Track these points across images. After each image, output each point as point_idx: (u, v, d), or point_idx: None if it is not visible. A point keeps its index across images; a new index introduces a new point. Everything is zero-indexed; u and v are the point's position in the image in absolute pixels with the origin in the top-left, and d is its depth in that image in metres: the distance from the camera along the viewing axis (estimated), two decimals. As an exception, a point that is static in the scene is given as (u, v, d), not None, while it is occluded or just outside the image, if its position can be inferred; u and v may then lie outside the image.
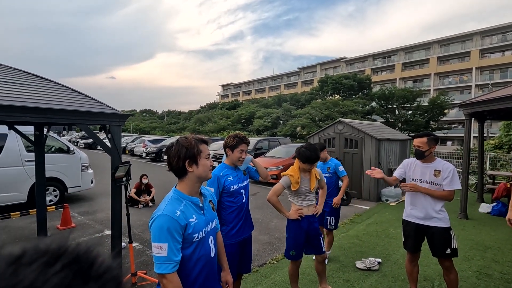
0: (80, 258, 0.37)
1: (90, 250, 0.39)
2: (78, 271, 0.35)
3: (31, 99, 2.88)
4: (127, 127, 48.01)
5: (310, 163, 2.74)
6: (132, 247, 3.42)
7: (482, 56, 37.67)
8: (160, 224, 1.38)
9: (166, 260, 1.36)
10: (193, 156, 1.49)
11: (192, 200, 1.51)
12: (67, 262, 0.35)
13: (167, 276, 1.37)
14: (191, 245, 1.45)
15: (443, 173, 2.73)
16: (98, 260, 0.38)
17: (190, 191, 1.52)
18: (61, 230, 5.13)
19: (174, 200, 1.47)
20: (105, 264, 0.38)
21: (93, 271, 0.37)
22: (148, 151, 17.28)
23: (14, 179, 5.98)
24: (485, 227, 5.47)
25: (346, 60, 51.49)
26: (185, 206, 1.47)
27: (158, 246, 1.36)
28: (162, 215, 1.40)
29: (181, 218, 1.41)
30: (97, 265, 0.37)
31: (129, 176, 3.44)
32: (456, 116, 35.48)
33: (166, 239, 1.36)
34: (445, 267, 2.79)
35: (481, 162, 7.72)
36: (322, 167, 3.90)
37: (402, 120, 25.82)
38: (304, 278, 3.48)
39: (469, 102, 6.11)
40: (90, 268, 0.37)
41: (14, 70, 3.84)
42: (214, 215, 1.67)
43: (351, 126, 8.11)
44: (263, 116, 32.62)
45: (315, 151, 2.74)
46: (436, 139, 2.85)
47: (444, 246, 2.74)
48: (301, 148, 2.79)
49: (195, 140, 1.53)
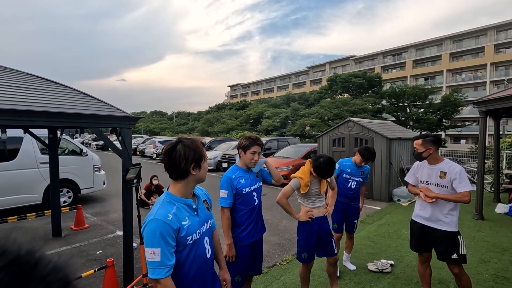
0: (20, 259, 0.35)
1: (32, 251, 0.37)
2: (18, 273, 0.34)
3: (44, 103, 2.95)
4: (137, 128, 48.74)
5: (321, 177, 2.73)
6: (143, 248, 3.45)
7: (497, 51, 36.56)
8: (153, 229, 1.35)
9: (160, 265, 1.34)
10: (199, 159, 1.47)
11: (185, 202, 1.48)
12: (4, 264, 0.34)
13: (161, 281, 1.34)
14: (185, 248, 1.43)
15: (449, 175, 2.64)
16: (42, 261, 0.36)
17: (185, 193, 1.49)
18: (75, 230, 5.24)
19: (166, 204, 1.44)
20: (50, 264, 0.37)
21: (36, 273, 0.35)
22: (159, 152, 17.48)
23: (30, 180, 6.14)
24: (502, 229, 5.30)
25: (355, 58, 50.87)
26: (178, 208, 1.44)
27: (151, 251, 1.34)
28: (154, 219, 1.37)
29: (173, 222, 1.38)
30: (40, 266, 0.36)
31: (139, 178, 3.48)
32: (470, 114, 34.58)
33: (159, 244, 1.34)
34: (454, 274, 2.70)
35: (497, 160, 7.49)
36: (357, 171, 3.69)
37: (414, 118, 25.29)
38: (315, 280, 3.45)
39: (484, 99, 5.93)
40: (32, 270, 0.35)
41: (27, 75, 3.94)
42: (209, 215, 1.63)
43: (361, 125, 8.00)
44: (271, 116, 32.56)
45: (331, 168, 2.68)
46: (435, 141, 2.75)
47: (449, 251, 2.64)
48: (320, 159, 2.68)
49: (200, 143, 1.52)
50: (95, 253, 4.30)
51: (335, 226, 3.68)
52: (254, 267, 2.59)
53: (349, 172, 3.67)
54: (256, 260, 2.58)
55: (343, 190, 3.67)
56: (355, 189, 3.69)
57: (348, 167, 3.68)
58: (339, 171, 3.70)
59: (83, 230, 5.27)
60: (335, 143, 8.51)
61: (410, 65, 43.23)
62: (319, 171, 2.66)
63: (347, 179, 3.67)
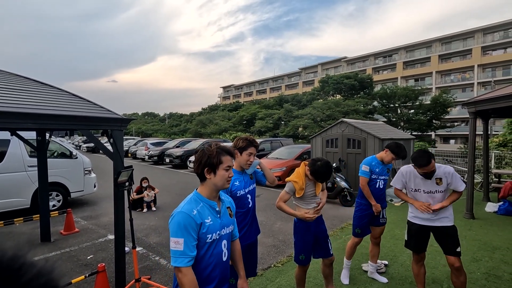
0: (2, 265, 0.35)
1: (16, 257, 0.37)
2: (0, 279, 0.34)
3: (32, 105, 2.86)
4: (129, 130, 48.17)
5: (319, 181, 2.71)
6: (135, 252, 3.38)
7: (484, 54, 37.45)
8: (178, 220, 1.49)
9: (182, 254, 1.46)
10: (212, 165, 1.59)
11: (209, 203, 1.61)
12: None
13: (182, 270, 1.45)
14: (204, 245, 1.54)
15: (445, 180, 2.74)
16: (26, 266, 0.37)
17: (209, 195, 1.62)
18: (65, 235, 5.11)
19: (192, 201, 1.58)
20: (35, 270, 0.37)
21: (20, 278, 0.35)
22: (151, 154, 17.28)
23: (17, 184, 5.97)
24: (492, 227, 5.39)
25: (347, 59, 51.39)
26: (202, 207, 1.57)
27: (175, 241, 1.47)
28: (180, 212, 1.52)
29: (197, 217, 1.51)
30: (23, 272, 0.36)
31: (132, 181, 3.41)
32: (459, 114, 35.28)
33: (183, 235, 1.46)
34: (456, 269, 2.72)
35: (486, 160, 7.63)
36: (383, 169, 3.46)
37: (405, 119, 25.68)
38: (310, 281, 3.43)
39: (474, 100, 6.04)
40: (15, 275, 0.35)
41: (15, 76, 3.83)
42: (231, 221, 1.73)
43: (354, 126, 8.06)
44: (265, 117, 32.60)
45: (329, 172, 2.64)
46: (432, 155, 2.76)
47: (454, 245, 2.73)
48: (317, 163, 2.65)
49: (218, 150, 1.62)
50: (85, 258, 4.20)
51: (357, 231, 3.47)
52: (249, 270, 2.56)
53: (377, 172, 3.43)
54: (250, 262, 2.55)
55: (373, 192, 3.41)
56: (383, 188, 3.48)
57: (376, 167, 3.43)
58: (369, 173, 3.42)
59: (74, 235, 5.15)
60: (328, 144, 8.54)
61: (401, 66, 43.91)
62: (316, 175, 2.65)
63: (374, 179, 3.43)
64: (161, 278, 3.62)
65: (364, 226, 3.47)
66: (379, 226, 3.54)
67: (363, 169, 3.44)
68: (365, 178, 3.42)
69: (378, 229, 3.55)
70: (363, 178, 3.43)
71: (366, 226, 3.48)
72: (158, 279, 3.58)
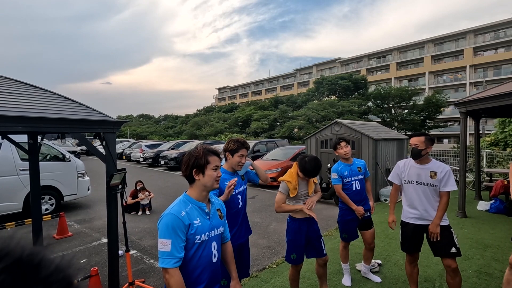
0: (22, 260, 0.36)
1: (35, 253, 0.38)
2: (20, 274, 0.35)
3: (22, 108, 2.83)
4: (123, 132, 47.80)
5: (308, 177, 2.72)
6: (129, 255, 3.37)
7: (476, 54, 38.02)
8: (166, 222, 1.51)
9: (169, 255, 1.47)
10: (200, 166, 1.62)
11: (198, 205, 1.63)
12: (6, 265, 0.35)
13: (169, 271, 1.47)
14: (193, 246, 1.55)
15: (439, 174, 2.72)
16: (44, 262, 0.38)
17: (198, 196, 1.65)
18: (58, 239, 5.05)
19: (181, 203, 1.60)
20: (52, 266, 0.38)
21: (38, 274, 0.36)
22: (145, 156, 17.17)
23: (9, 188, 5.89)
24: (484, 225, 5.47)
25: (341, 60, 51.73)
26: (191, 208, 1.59)
27: (163, 242, 1.48)
28: (169, 213, 1.54)
29: (185, 218, 1.53)
30: (42, 267, 0.37)
31: (125, 184, 3.39)
32: (452, 114, 35.71)
33: (170, 236, 1.48)
34: (452, 270, 2.62)
35: (478, 159, 7.74)
36: (352, 169, 3.40)
37: (399, 119, 25.95)
38: (304, 282, 3.45)
39: (465, 100, 6.13)
40: (34, 271, 0.36)
41: (4, 79, 3.79)
42: (221, 223, 1.74)
43: (348, 127, 8.11)
44: (260, 119, 32.65)
45: (317, 167, 2.64)
46: (432, 140, 2.84)
47: (448, 245, 2.66)
48: (305, 159, 2.67)
49: (204, 151, 1.65)
50: (79, 262, 4.16)
51: (344, 236, 3.46)
52: (241, 270, 2.56)
53: (347, 175, 3.38)
54: (242, 263, 2.56)
55: (351, 196, 3.34)
56: (361, 189, 3.40)
57: (344, 170, 3.40)
58: (340, 179, 3.38)
59: (67, 239, 5.10)
60: (323, 145, 8.59)
61: (394, 67, 44.35)
62: (305, 171, 2.66)
63: (348, 183, 3.38)
64: (155, 281, 3.60)
65: (351, 231, 3.43)
66: (367, 230, 3.44)
67: (333, 177, 3.42)
68: (338, 185, 3.38)
69: (367, 233, 3.44)
70: (336, 186, 3.40)
71: (353, 231, 3.43)
72: (153, 282, 3.57)
